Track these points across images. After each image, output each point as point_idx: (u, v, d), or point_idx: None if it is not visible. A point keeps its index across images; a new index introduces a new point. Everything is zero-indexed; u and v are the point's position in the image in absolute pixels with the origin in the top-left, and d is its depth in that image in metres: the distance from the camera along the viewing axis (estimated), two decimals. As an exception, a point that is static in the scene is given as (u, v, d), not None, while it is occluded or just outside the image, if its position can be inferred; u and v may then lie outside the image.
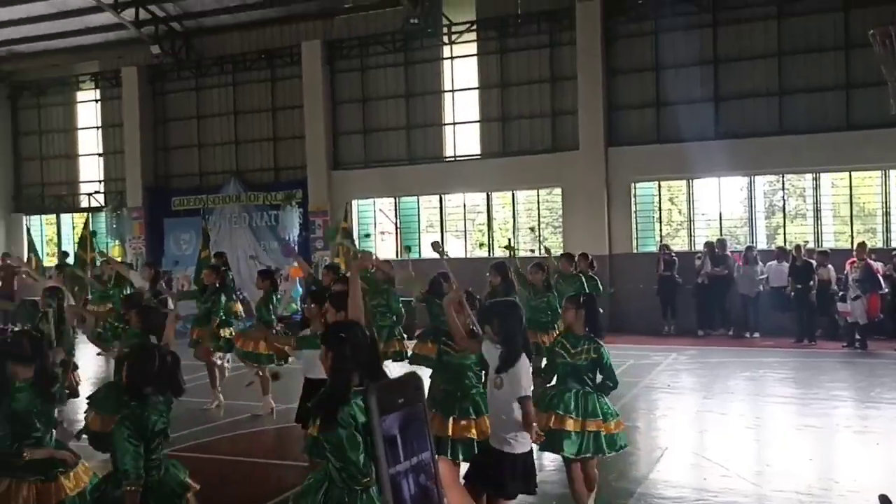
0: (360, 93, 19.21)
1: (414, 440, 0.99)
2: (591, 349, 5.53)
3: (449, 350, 5.51)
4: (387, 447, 0.96)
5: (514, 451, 4.59)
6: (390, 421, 0.98)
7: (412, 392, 1.01)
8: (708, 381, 11.40)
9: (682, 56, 16.29)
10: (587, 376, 5.52)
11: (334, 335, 3.80)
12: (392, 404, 0.98)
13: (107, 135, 22.18)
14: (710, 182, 16.62)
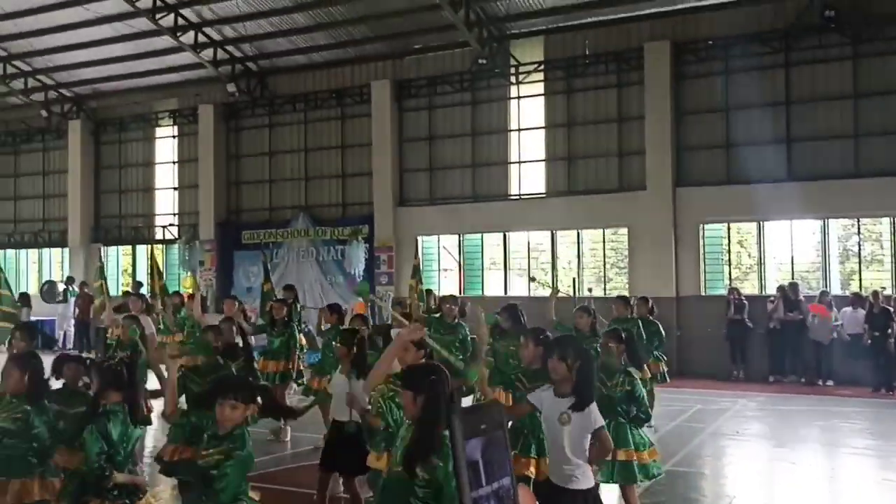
0: (427, 131, 19.48)
1: (495, 465, 1.00)
2: (626, 381, 5.88)
3: (520, 386, 5.51)
4: (469, 471, 0.98)
5: (582, 487, 4.53)
6: (472, 445, 0.99)
7: (494, 418, 1.03)
8: (778, 429, 11.02)
9: (753, 96, 16.07)
10: (621, 408, 5.86)
11: (424, 379, 3.77)
12: (475, 429, 1.00)
13: (182, 170, 22.94)
14: (782, 225, 16.24)
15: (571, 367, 4.58)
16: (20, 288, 25.01)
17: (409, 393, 3.72)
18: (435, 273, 19.44)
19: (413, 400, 3.70)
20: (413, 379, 3.82)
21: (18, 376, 5.06)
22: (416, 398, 3.69)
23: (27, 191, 25.72)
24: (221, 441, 4.05)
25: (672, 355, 13.32)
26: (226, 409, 4.03)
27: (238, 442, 4.03)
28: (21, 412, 4.98)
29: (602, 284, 17.90)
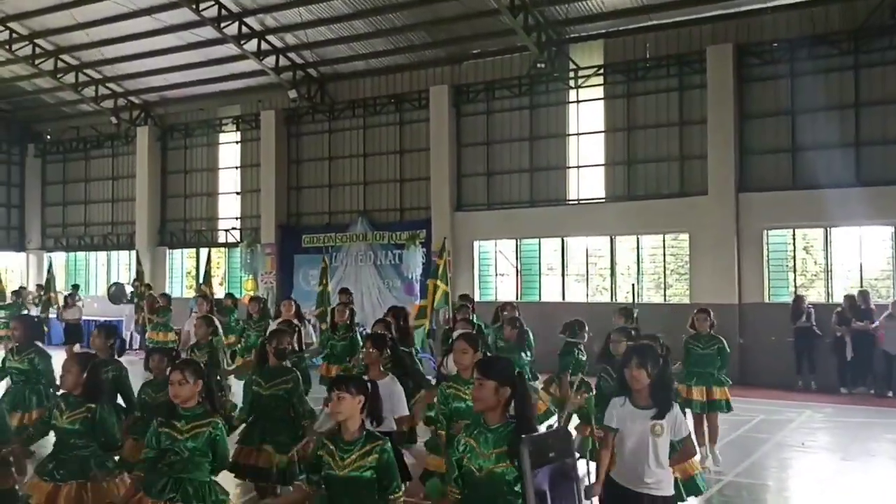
0: (484, 135, 19.49)
1: (563, 498, 1.00)
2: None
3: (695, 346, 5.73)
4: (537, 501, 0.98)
5: (668, 494, 4.59)
6: (541, 476, 0.98)
7: (562, 446, 1.02)
8: (846, 442, 10.70)
9: (820, 100, 15.66)
10: None
11: (509, 370, 3.76)
12: (543, 457, 0.99)
13: (245, 174, 23.41)
14: (850, 231, 15.77)
15: (651, 374, 4.54)
16: (90, 290, 25.88)
17: (492, 383, 3.66)
18: (492, 278, 19.43)
19: (495, 391, 3.65)
20: (496, 369, 3.77)
21: (77, 373, 5.15)
22: (498, 389, 3.65)
23: (97, 195, 26.60)
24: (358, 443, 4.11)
25: (735, 364, 13.04)
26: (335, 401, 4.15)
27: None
28: (85, 410, 5.08)
29: (662, 291, 17.64)
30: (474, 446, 3.63)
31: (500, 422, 3.64)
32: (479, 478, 3.54)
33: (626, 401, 4.63)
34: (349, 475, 4.00)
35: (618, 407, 4.65)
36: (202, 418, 4.63)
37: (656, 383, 4.56)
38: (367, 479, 3.99)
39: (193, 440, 4.54)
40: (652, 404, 4.54)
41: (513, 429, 3.53)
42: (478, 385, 3.74)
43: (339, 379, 4.35)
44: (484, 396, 3.68)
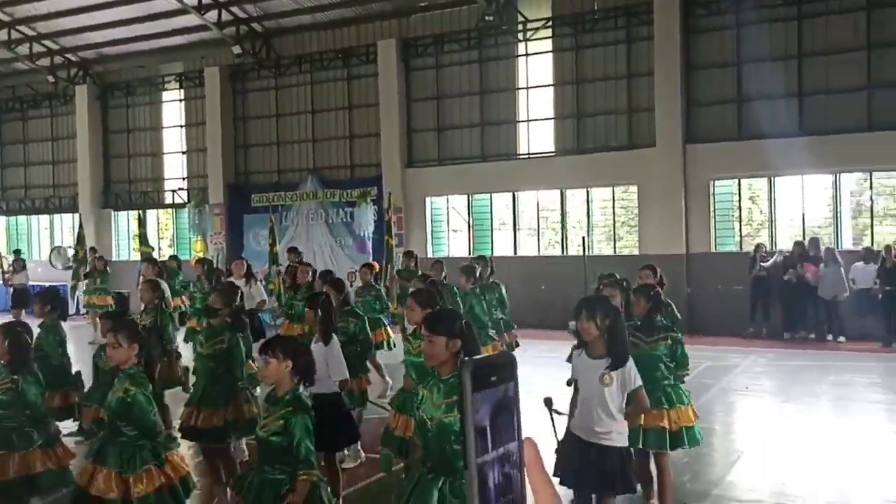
0: (434, 90, 19.31)
1: (504, 429, 0.99)
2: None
3: (639, 342, 5.49)
4: (477, 437, 0.97)
5: (619, 444, 4.60)
6: (483, 412, 0.98)
7: (506, 370, 1.01)
8: (788, 385, 11.07)
9: (764, 50, 15.82)
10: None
11: (456, 322, 3.78)
12: (485, 381, 0.99)
13: (190, 133, 22.90)
14: (793, 180, 16.10)
15: (601, 327, 4.58)
16: (33, 254, 25.24)
17: (441, 339, 3.68)
18: (444, 234, 19.45)
19: (445, 345, 3.68)
20: (444, 323, 3.78)
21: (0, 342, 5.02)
22: (448, 343, 3.68)
23: (37, 157, 25.76)
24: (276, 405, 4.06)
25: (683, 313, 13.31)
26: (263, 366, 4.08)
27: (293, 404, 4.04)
28: (10, 381, 4.96)
29: (612, 243, 17.87)
30: (428, 397, 3.70)
31: (451, 372, 3.69)
32: (430, 428, 3.64)
33: (582, 351, 4.69)
34: (261, 436, 4.03)
35: (575, 357, 4.72)
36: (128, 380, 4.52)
37: (608, 335, 4.59)
38: (275, 443, 3.96)
39: (115, 402, 4.48)
40: (605, 355, 4.59)
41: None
42: (427, 342, 3.76)
43: (266, 343, 4.30)
44: (435, 352, 3.71)
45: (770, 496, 6.35)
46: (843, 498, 6.29)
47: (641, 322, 5.75)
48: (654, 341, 5.62)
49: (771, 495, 6.37)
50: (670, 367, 5.64)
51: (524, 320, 9.22)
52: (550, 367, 5.03)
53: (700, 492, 6.42)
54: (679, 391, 5.71)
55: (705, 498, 6.30)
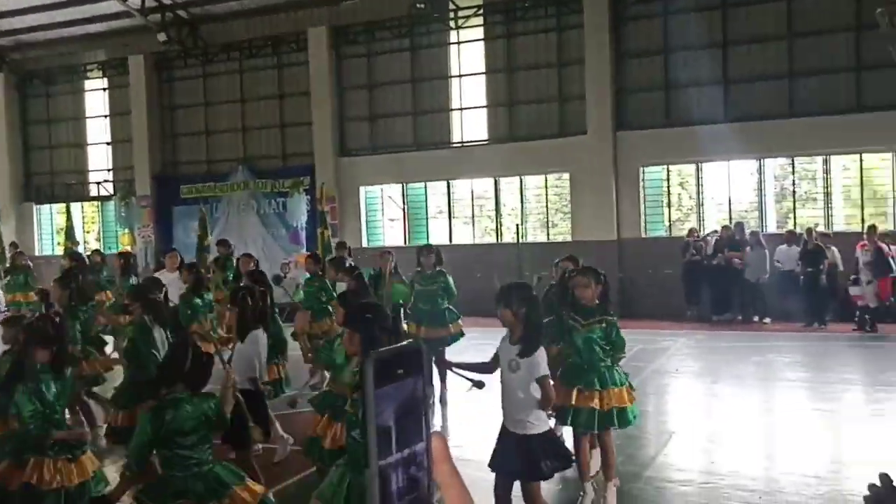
0: (366, 79, 19.14)
1: (411, 429, 0.94)
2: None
3: (576, 325, 5.63)
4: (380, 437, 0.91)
5: (536, 432, 4.60)
6: (387, 413, 0.92)
7: (413, 362, 0.95)
8: (717, 366, 11.36)
9: (691, 39, 16.13)
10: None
11: (359, 317, 3.77)
12: (391, 375, 0.93)
13: (115, 123, 22.21)
14: (720, 166, 16.51)
15: (517, 314, 4.58)
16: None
17: (357, 335, 3.71)
18: (380, 223, 19.34)
19: (351, 338, 3.71)
20: (356, 319, 3.81)
21: None
22: (352, 337, 3.71)
23: (-49, 149, 24.64)
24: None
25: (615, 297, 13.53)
26: None
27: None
28: None
29: (546, 230, 18.03)
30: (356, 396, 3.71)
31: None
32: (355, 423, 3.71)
33: (508, 335, 4.72)
34: None
35: (502, 340, 4.75)
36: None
37: (524, 323, 4.61)
38: None
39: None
40: (519, 341, 4.61)
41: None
42: (347, 336, 3.83)
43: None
44: (351, 346, 3.78)
45: (699, 475, 6.51)
46: (768, 474, 6.48)
47: (573, 305, 5.82)
48: (590, 324, 5.70)
49: (700, 474, 6.53)
50: (606, 349, 5.72)
51: (460, 308, 9.19)
52: (484, 356, 5.02)
53: (633, 473, 6.54)
54: (613, 372, 5.79)
55: (638, 479, 6.42)
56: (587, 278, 5.81)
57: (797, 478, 6.30)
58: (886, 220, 15.34)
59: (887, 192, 15.60)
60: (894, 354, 11.72)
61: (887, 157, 15.40)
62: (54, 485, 4.45)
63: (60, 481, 4.46)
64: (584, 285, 5.74)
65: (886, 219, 15.42)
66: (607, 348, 5.73)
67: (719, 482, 6.29)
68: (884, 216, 15.52)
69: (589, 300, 5.73)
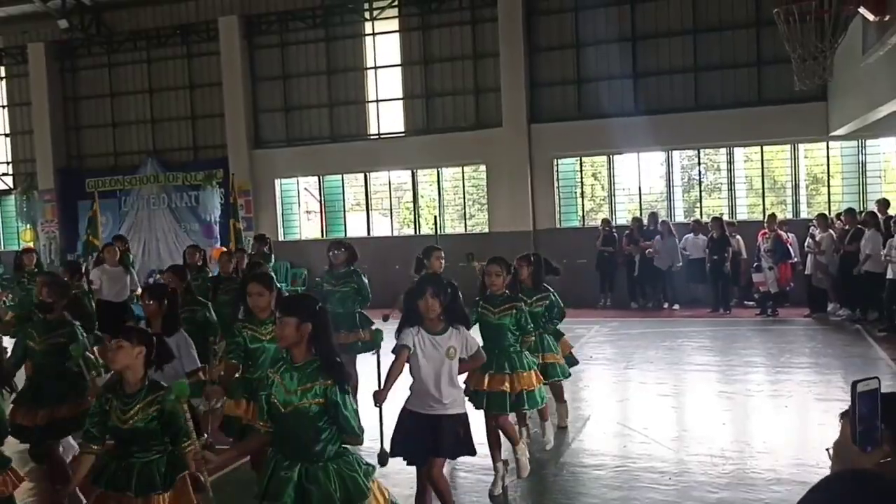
0: (280, 69, 18.84)
1: None
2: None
3: (487, 312, 5.91)
4: None
5: (460, 411, 4.80)
6: None
7: None
8: (629, 352, 11.70)
9: (601, 33, 16.51)
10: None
11: (312, 306, 3.76)
12: None
13: (14, 114, 21.23)
14: (631, 157, 16.96)
15: (444, 303, 4.71)
16: None
17: (293, 320, 3.65)
18: (296, 216, 19.11)
19: (297, 327, 3.65)
20: (299, 306, 3.76)
21: None
22: (300, 325, 3.65)
23: None
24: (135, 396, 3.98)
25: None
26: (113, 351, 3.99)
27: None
28: None
29: (463, 221, 18.17)
30: (279, 382, 3.67)
31: (305, 358, 3.69)
32: (285, 413, 3.64)
33: (420, 329, 4.74)
34: (134, 426, 3.95)
35: (413, 335, 4.76)
36: None
37: (448, 309, 4.75)
38: (152, 429, 3.96)
39: None
40: (445, 328, 4.72)
41: (318, 366, 3.64)
42: (279, 323, 3.74)
43: (122, 328, 4.17)
44: (286, 334, 3.69)
45: (612, 459, 6.70)
46: (677, 455, 6.72)
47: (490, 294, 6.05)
48: (501, 312, 5.93)
49: (613, 458, 6.72)
50: (516, 335, 5.97)
51: (378, 301, 8.96)
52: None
53: (548, 459, 6.69)
54: (522, 357, 6.04)
55: (553, 465, 6.57)
56: (498, 266, 6.02)
57: (704, 458, 6.57)
58: (786, 209, 16.08)
59: (786, 182, 16.35)
60: (793, 337, 12.30)
61: (786, 149, 16.13)
62: None
63: None
64: (496, 273, 5.97)
65: (786, 207, 16.16)
66: (517, 334, 5.98)
67: (631, 465, 6.50)
68: (783, 205, 16.27)
69: (499, 288, 5.98)
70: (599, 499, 5.86)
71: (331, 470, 3.63)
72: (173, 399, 3.86)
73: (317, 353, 3.70)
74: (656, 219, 15.91)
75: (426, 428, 4.71)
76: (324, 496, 3.57)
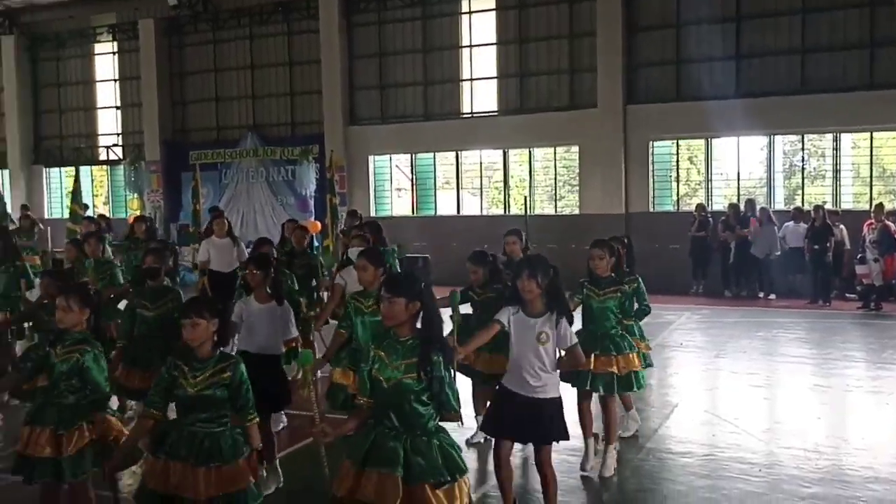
0: (377, 47, 19.07)
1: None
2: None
3: (592, 294, 5.98)
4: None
5: (554, 396, 4.79)
6: None
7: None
8: (721, 341, 11.46)
9: (704, 12, 16.03)
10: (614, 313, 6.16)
11: (417, 285, 3.81)
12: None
13: (125, 87, 22.22)
14: (730, 141, 16.48)
15: (542, 285, 4.69)
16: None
17: (402, 300, 3.73)
18: (388, 193, 19.39)
19: (405, 307, 3.73)
20: (405, 286, 3.83)
21: None
22: (408, 305, 3.73)
23: (-39, 111, 24.69)
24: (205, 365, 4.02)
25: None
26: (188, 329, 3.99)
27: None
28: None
29: (553, 203, 18.07)
30: (383, 358, 3.75)
31: (409, 335, 3.78)
32: (387, 388, 3.72)
33: (519, 310, 4.79)
34: (200, 393, 3.97)
35: (511, 314, 4.82)
36: (78, 344, 4.43)
37: (549, 293, 4.73)
38: (219, 397, 3.97)
39: (62, 364, 4.41)
40: (543, 312, 4.73)
41: (420, 342, 3.71)
42: (387, 302, 3.80)
43: (193, 303, 4.17)
44: (394, 313, 3.76)
45: (700, 448, 6.62)
46: (768, 447, 6.59)
47: (590, 275, 6.09)
48: (605, 294, 6.01)
49: (701, 447, 6.64)
50: (619, 317, 6.08)
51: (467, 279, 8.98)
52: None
53: (635, 444, 6.67)
54: (627, 339, 6.11)
55: (640, 450, 6.55)
56: (601, 250, 6.08)
57: (797, 452, 6.42)
58: (894, 199, 15.34)
59: (896, 171, 15.59)
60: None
61: (898, 136, 15.35)
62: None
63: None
64: (599, 257, 6.06)
65: (894, 198, 15.42)
66: (620, 316, 6.07)
67: (719, 454, 6.41)
68: (892, 194, 15.53)
69: (603, 271, 6.04)
70: (686, 486, 5.82)
71: (433, 444, 3.69)
72: (300, 364, 3.83)
73: (423, 329, 3.77)
74: (753, 205, 15.44)
75: (524, 410, 4.74)
76: (432, 467, 3.63)
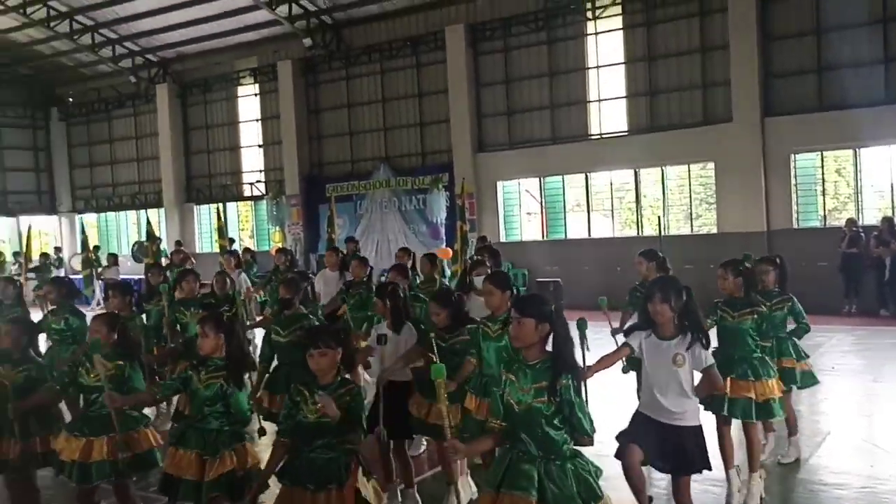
0: (503, 74, 19.22)
1: None
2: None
3: (726, 315, 5.79)
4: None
5: (694, 424, 4.61)
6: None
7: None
8: (877, 364, 10.67)
9: (847, 16, 15.16)
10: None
11: (545, 306, 3.77)
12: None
13: (266, 126, 23.42)
14: (881, 151, 15.43)
15: (675, 308, 4.55)
16: (122, 249, 26.30)
17: (531, 321, 3.70)
18: (517, 218, 19.40)
19: (535, 328, 3.70)
20: (534, 307, 3.79)
21: (105, 333, 5.10)
22: (538, 326, 3.70)
23: (122, 155, 26.84)
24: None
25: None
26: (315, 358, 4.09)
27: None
28: (114, 368, 5.02)
29: (689, 222, 17.49)
30: (514, 381, 3.73)
31: (539, 358, 3.73)
32: (519, 412, 3.68)
33: (651, 333, 4.66)
34: (320, 420, 4.02)
35: (642, 338, 4.69)
36: (220, 370, 4.65)
37: (683, 315, 4.58)
38: (332, 424, 3.98)
39: (206, 389, 4.63)
40: (676, 335, 4.57)
41: (551, 365, 3.66)
42: (516, 324, 3.77)
43: (319, 334, 4.23)
44: (523, 334, 3.73)
45: (857, 479, 6.16)
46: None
47: (730, 298, 5.86)
48: (741, 315, 5.74)
49: (858, 478, 6.18)
50: (756, 340, 5.75)
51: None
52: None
53: (784, 474, 6.28)
54: (766, 365, 5.77)
55: (790, 480, 6.16)
56: (724, 270, 5.87)
57: (969, 485, 5.86)
58: None
59: None
60: None
61: None
62: None
63: None
64: (722, 277, 5.86)
65: None
66: (758, 339, 5.75)
67: (879, 487, 5.94)
68: None
69: (730, 291, 5.82)
70: (841, 520, 5.42)
71: (568, 469, 3.62)
72: (434, 378, 3.77)
73: (553, 352, 3.72)
74: (903, 221, 14.37)
75: (663, 437, 4.59)
76: (566, 497, 3.56)
